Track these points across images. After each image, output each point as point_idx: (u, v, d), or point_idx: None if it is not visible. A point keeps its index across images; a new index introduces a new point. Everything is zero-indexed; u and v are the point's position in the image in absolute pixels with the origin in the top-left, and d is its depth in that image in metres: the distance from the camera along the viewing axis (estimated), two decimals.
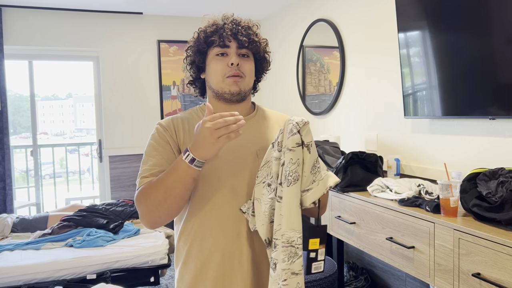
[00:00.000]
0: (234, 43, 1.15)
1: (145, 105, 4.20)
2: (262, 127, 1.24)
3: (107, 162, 4.11)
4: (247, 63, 1.17)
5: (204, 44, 1.18)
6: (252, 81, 1.21)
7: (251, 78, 1.19)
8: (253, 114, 1.25)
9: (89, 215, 3.10)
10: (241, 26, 1.17)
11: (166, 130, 1.17)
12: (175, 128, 1.18)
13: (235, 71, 1.14)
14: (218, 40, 1.15)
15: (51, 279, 2.56)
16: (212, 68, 1.17)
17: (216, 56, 1.16)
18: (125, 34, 4.12)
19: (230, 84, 1.15)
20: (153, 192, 1.05)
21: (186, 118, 1.21)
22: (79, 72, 5.25)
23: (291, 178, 1.00)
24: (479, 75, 1.83)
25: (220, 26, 1.17)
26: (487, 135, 1.93)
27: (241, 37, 1.15)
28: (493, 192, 1.48)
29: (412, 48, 2.21)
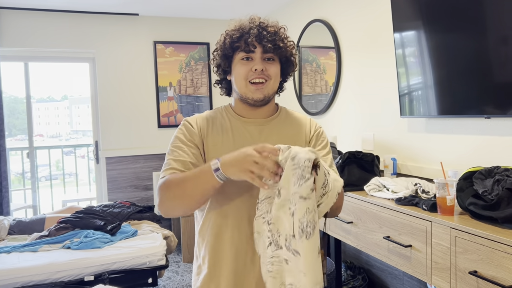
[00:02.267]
0: (259, 48, 1.16)
1: (142, 106, 4.20)
2: (284, 128, 1.27)
3: (103, 163, 4.10)
4: (272, 66, 1.18)
5: (229, 49, 1.19)
6: (277, 84, 1.22)
7: (276, 81, 1.21)
8: (276, 115, 1.28)
9: (86, 216, 3.09)
10: (267, 31, 1.18)
11: (192, 127, 1.21)
12: (199, 126, 1.21)
13: (259, 75, 1.16)
14: (243, 45, 1.16)
15: (48, 281, 2.55)
16: (236, 72, 1.19)
17: (241, 61, 1.18)
18: (121, 35, 4.11)
19: (253, 91, 1.17)
20: (174, 186, 1.08)
21: (211, 117, 1.25)
22: (75, 74, 5.24)
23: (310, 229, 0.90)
24: (475, 75, 1.85)
25: (246, 31, 1.18)
26: (483, 134, 1.94)
27: (266, 43, 1.16)
28: (489, 190, 1.50)
29: (407, 48, 2.23)
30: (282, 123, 1.27)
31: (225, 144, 1.18)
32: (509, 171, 1.54)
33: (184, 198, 1.07)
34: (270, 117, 1.26)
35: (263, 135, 1.22)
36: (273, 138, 1.22)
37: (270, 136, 1.22)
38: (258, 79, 1.16)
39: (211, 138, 1.19)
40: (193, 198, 1.06)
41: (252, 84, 1.16)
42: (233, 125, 1.23)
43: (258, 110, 1.23)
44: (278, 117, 1.27)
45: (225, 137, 1.20)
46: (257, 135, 1.22)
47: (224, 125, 1.23)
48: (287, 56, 1.22)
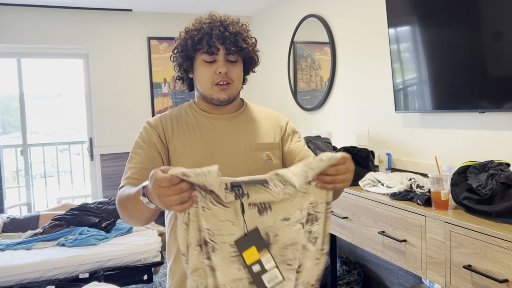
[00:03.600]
0: (222, 50, 1.15)
1: (136, 102, 4.17)
2: (252, 122, 1.26)
3: (98, 160, 4.08)
4: (235, 68, 1.18)
5: (191, 50, 1.17)
6: (240, 84, 1.22)
7: (239, 82, 1.21)
8: (241, 111, 1.27)
9: (80, 214, 3.08)
10: (229, 32, 1.15)
11: (153, 128, 1.18)
12: (163, 126, 1.19)
13: (223, 78, 1.15)
14: (206, 46, 1.14)
15: (43, 278, 2.54)
16: (200, 74, 1.18)
17: (204, 63, 1.16)
18: (114, 31, 4.08)
19: (218, 92, 1.16)
20: (121, 206, 1.07)
21: (175, 115, 1.23)
22: (69, 71, 5.20)
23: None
24: (469, 69, 1.85)
25: (207, 31, 1.15)
26: (477, 128, 1.95)
27: (229, 45, 1.14)
28: (483, 184, 1.50)
29: (402, 43, 2.22)
30: (249, 117, 1.27)
31: (193, 142, 1.16)
32: (503, 166, 1.54)
33: (132, 218, 1.06)
34: (236, 112, 1.25)
35: (232, 130, 1.21)
36: (243, 132, 1.22)
37: (239, 131, 1.22)
38: (223, 81, 1.15)
39: (177, 137, 1.17)
40: (139, 219, 1.06)
41: (216, 86, 1.16)
42: (199, 121, 1.21)
43: (222, 108, 1.23)
44: (244, 112, 1.27)
45: (192, 134, 1.18)
46: (226, 130, 1.21)
47: (189, 123, 1.20)
48: (250, 55, 1.21)
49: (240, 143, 1.19)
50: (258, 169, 1.15)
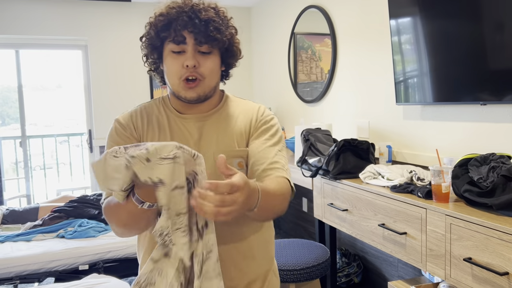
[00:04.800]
0: (190, 39, 0.99)
1: (135, 94, 4.15)
2: (223, 124, 1.11)
3: (97, 152, 4.07)
4: (207, 61, 1.02)
5: (157, 39, 1.02)
6: (215, 80, 1.07)
7: (213, 77, 1.05)
8: (218, 108, 1.12)
9: (80, 205, 3.08)
10: (200, 19, 0.99)
11: (124, 127, 1.07)
12: (134, 123, 1.08)
13: (191, 73, 1.00)
14: (172, 34, 0.99)
15: (42, 270, 2.54)
16: (167, 66, 1.04)
17: (171, 53, 1.02)
18: (113, 22, 4.04)
19: (185, 89, 1.02)
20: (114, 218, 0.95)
21: (146, 112, 1.11)
22: (68, 62, 5.17)
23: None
24: (470, 61, 1.83)
25: (174, 17, 1.00)
26: (479, 120, 1.93)
27: (198, 34, 0.98)
28: (484, 177, 1.49)
29: (403, 35, 2.20)
30: (224, 117, 1.11)
31: None
32: (504, 158, 1.53)
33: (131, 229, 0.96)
34: (211, 111, 1.11)
35: (202, 133, 1.07)
36: (213, 136, 1.08)
37: (209, 134, 1.08)
38: (191, 76, 1.00)
39: (147, 137, 1.07)
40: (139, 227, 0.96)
41: (184, 82, 1.01)
42: (171, 121, 1.09)
43: (197, 105, 1.09)
44: (220, 111, 1.12)
45: (162, 135, 1.06)
46: (196, 133, 1.07)
47: (160, 121, 1.08)
48: (227, 47, 1.05)
49: (209, 149, 1.06)
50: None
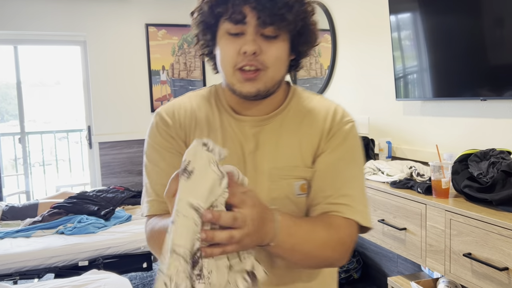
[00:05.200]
0: (252, 18, 0.75)
1: (134, 90, 4.14)
2: (285, 130, 0.85)
3: (97, 148, 4.06)
4: (271, 48, 0.77)
5: (210, 16, 0.79)
6: (280, 72, 0.82)
7: (278, 69, 0.80)
8: (281, 109, 0.87)
9: (79, 202, 3.07)
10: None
11: (167, 125, 0.86)
12: (178, 121, 0.87)
13: (250, 61, 0.76)
14: (230, 11, 0.76)
15: (42, 266, 2.54)
16: (221, 51, 0.80)
17: (226, 35, 0.79)
18: (112, 17, 4.02)
19: (241, 82, 0.79)
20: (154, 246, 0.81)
21: (195, 106, 0.88)
22: (67, 58, 5.15)
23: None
24: (470, 57, 1.82)
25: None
26: (479, 116, 1.93)
27: (262, 11, 0.74)
28: (484, 172, 1.49)
29: (403, 30, 2.19)
30: (288, 121, 0.86)
31: None
32: (504, 154, 1.53)
33: None
34: (272, 112, 0.86)
35: (259, 143, 0.84)
36: (270, 147, 0.84)
37: (267, 145, 0.84)
38: (249, 66, 0.77)
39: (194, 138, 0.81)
40: None
41: (241, 72, 0.78)
42: (224, 122, 0.86)
43: (256, 103, 0.84)
44: (283, 112, 0.87)
45: (212, 137, 0.82)
46: (251, 142, 0.84)
47: (211, 121, 0.86)
48: (300, 29, 0.80)
49: (264, 164, 0.83)
50: (284, 206, 0.81)
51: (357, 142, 0.85)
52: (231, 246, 0.62)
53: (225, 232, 0.61)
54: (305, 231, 0.75)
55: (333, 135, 0.84)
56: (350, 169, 0.82)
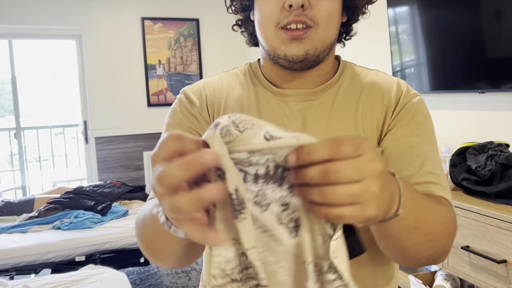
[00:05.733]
0: None
1: (131, 84, 4.11)
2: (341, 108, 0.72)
3: (93, 143, 4.04)
4: (323, 1, 0.65)
5: None
6: (333, 31, 0.69)
7: (330, 26, 0.67)
8: (333, 82, 0.74)
9: (76, 197, 3.06)
10: None
11: (192, 102, 0.74)
12: (205, 98, 0.74)
13: (297, 17, 0.64)
14: None
15: (39, 262, 2.53)
16: (260, 10, 0.68)
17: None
18: (107, 11, 3.99)
19: (287, 43, 0.66)
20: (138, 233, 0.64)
21: (225, 84, 0.76)
22: (63, 52, 5.12)
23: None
24: (468, 50, 1.81)
25: None
26: (477, 109, 1.92)
27: None
28: (482, 165, 1.49)
29: (401, 24, 2.18)
30: (342, 96, 0.73)
31: None
32: (502, 146, 1.53)
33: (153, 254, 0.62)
34: (322, 85, 0.73)
35: (306, 121, 0.71)
36: (322, 126, 0.70)
37: (317, 123, 0.71)
38: (296, 23, 0.64)
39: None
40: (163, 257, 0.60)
41: (285, 31, 0.65)
42: (260, 98, 0.73)
43: (302, 75, 0.72)
44: (336, 85, 0.74)
45: None
46: (298, 119, 0.71)
47: (245, 99, 0.74)
48: None
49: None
50: None
51: (429, 116, 0.75)
52: (355, 209, 0.39)
53: (353, 187, 0.38)
54: (426, 202, 0.56)
55: (401, 109, 0.71)
56: (427, 145, 0.69)
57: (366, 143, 0.40)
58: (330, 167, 0.38)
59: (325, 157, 0.38)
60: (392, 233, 0.52)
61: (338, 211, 0.39)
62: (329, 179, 0.38)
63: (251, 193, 0.43)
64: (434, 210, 0.57)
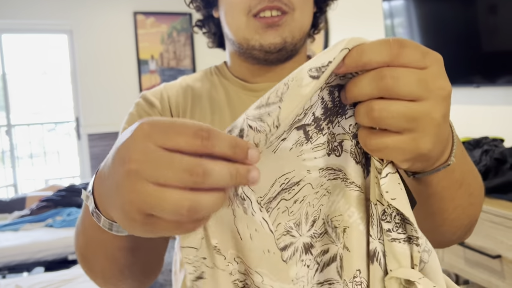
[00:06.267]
0: None
1: (123, 80, 4.07)
2: None
3: (85, 140, 4.00)
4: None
5: None
6: (309, 18, 0.64)
7: (306, 13, 0.63)
8: None
9: (68, 194, 3.03)
10: None
11: (151, 105, 0.66)
12: (168, 100, 0.67)
13: (271, 2, 0.58)
14: None
15: (31, 260, 2.50)
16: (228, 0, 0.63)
17: None
18: (99, 5, 3.93)
19: (261, 32, 0.60)
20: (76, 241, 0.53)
21: (190, 85, 0.69)
22: (55, 47, 5.05)
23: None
24: (464, 44, 1.81)
25: None
26: (472, 103, 1.92)
27: None
28: (477, 160, 1.48)
29: (396, 18, 2.17)
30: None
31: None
32: (497, 141, 1.52)
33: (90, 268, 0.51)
34: None
35: None
36: None
37: None
38: (270, 9, 0.59)
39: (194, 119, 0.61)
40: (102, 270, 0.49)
41: (258, 19, 0.60)
42: (231, 95, 0.68)
43: (275, 69, 0.66)
44: None
45: (217, 118, 0.65)
46: None
47: (215, 97, 0.68)
48: None
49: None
50: None
51: None
52: (406, 138, 0.32)
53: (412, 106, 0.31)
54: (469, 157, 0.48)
55: None
56: None
57: (433, 54, 0.33)
58: (387, 71, 0.30)
59: (382, 59, 0.30)
60: (436, 191, 0.42)
61: (383, 141, 0.31)
62: (383, 88, 0.30)
63: (321, 145, 0.36)
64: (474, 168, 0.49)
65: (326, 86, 0.34)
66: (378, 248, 0.36)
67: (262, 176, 0.33)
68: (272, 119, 0.31)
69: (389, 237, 0.35)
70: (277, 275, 0.36)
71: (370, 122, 0.31)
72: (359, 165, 0.38)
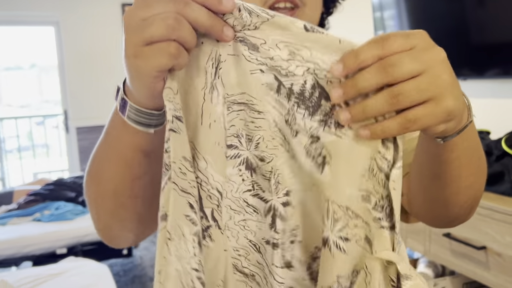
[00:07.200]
0: None
1: (112, 73, 4.02)
2: None
3: (74, 133, 3.96)
4: None
5: None
6: (318, 15, 0.64)
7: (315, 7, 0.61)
8: None
9: (57, 188, 3.00)
10: None
11: None
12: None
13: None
14: None
15: (19, 255, 2.48)
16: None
17: None
18: None
19: None
20: (90, 162, 0.55)
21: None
22: (43, 40, 4.98)
23: None
24: (452, 36, 1.81)
25: None
26: None
27: None
28: None
29: (386, 10, 2.16)
30: None
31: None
32: (483, 134, 1.53)
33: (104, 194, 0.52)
34: None
35: None
36: None
37: None
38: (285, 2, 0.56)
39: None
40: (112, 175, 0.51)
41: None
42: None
43: None
44: None
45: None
46: None
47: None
48: None
49: None
50: None
51: None
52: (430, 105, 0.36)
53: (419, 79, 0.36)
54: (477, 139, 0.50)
55: None
56: None
57: (415, 32, 0.38)
58: (385, 62, 0.35)
59: (375, 53, 0.36)
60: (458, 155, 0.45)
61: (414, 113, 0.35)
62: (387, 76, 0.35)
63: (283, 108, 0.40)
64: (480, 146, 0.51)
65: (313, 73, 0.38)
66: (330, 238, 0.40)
67: (234, 74, 0.40)
68: (261, 20, 0.38)
69: (378, 225, 0.40)
70: (219, 167, 0.42)
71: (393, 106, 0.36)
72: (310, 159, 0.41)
